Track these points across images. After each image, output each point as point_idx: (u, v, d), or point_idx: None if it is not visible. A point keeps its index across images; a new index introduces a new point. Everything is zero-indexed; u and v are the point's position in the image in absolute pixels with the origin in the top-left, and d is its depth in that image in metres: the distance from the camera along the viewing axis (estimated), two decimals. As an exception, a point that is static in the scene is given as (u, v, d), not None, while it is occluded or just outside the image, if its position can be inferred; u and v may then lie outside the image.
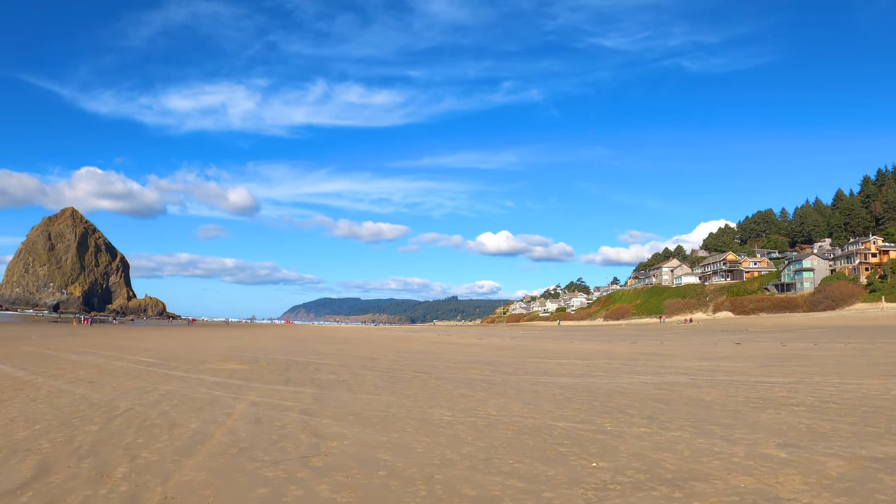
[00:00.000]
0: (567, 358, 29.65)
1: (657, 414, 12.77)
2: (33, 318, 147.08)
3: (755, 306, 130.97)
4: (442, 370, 23.08)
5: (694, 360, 26.83)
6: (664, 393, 16.01)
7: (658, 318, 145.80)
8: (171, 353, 30.93)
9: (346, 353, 33.15)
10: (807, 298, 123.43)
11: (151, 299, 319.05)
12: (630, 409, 13.49)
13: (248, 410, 13.43)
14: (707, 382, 18.33)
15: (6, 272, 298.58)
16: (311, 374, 20.91)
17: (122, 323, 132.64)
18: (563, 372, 22.32)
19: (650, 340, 49.23)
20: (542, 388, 17.38)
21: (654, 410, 13.22)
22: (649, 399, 14.93)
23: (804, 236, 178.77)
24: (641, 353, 33.08)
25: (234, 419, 12.35)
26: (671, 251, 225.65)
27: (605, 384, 18.13)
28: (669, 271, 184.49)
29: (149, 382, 18.33)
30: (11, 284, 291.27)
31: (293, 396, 15.53)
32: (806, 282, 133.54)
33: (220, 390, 16.64)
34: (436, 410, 13.43)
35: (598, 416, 12.61)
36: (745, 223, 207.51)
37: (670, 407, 13.68)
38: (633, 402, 14.39)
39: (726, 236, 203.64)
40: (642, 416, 12.58)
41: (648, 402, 14.37)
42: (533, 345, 44.86)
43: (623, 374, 21.10)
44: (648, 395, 15.72)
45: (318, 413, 13.11)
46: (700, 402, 14.43)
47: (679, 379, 19.40)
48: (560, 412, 13.07)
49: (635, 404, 14.11)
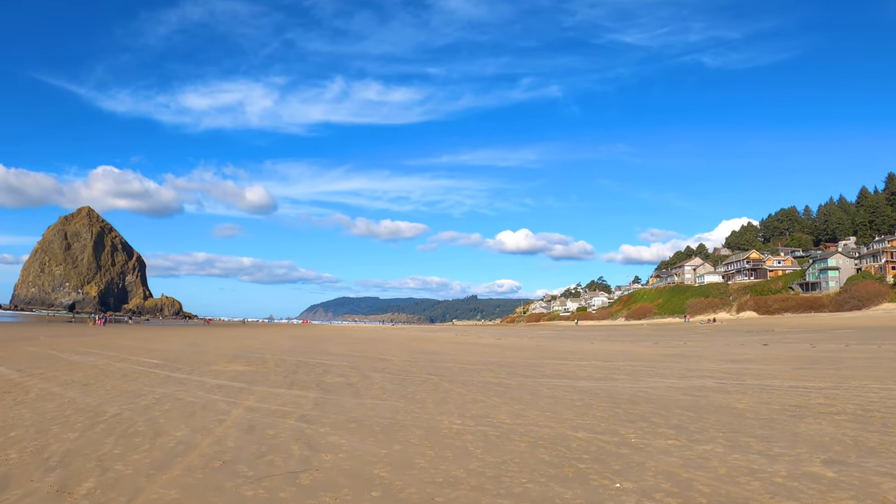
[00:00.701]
0: (587, 359, 28.62)
1: (685, 423, 11.76)
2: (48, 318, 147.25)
3: (779, 306, 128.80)
4: (455, 373, 22.15)
5: (721, 363, 25.71)
6: (691, 399, 14.97)
7: (682, 317, 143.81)
8: (178, 353, 30.21)
9: (358, 353, 32.29)
10: (832, 298, 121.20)
11: (168, 299, 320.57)
12: (655, 417, 12.48)
13: (242, 416, 12.60)
14: (737, 387, 17.26)
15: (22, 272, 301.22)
16: (319, 377, 20.06)
17: (138, 323, 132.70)
18: (583, 375, 21.32)
19: (673, 341, 48.00)
20: (561, 392, 16.39)
21: (682, 419, 12.21)
22: (676, 406, 13.91)
23: (828, 234, 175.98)
24: (665, 354, 31.96)
25: (226, 427, 11.52)
26: (693, 249, 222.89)
27: (627, 389, 17.11)
28: (692, 270, 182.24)
29: (146, 385, 17.56)
30: (27, 284, 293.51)
31: (294, 401, 14.68)
32: (831, 281, 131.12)
33: (218, 394, 15.83)
34: (445, 418, 12.50)
35: (620, 425, 11.62)
36: (768, 221, 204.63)
37: (699, 415, 12.65)
38: (658, 410, 13.37)
39: (749, 234, 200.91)
40: (669, 425, 11.58)
41: (675, 410, 13.35)
42: (552, 345, 43.81)
43: (646, 378, 20.06)
44: (675, 401, 14.70)
45: (318, 420, 12.24)
46: (731, 409, 13.39)
47: (706, 383, 18.33)
48: (579, 420, 12.09)
49: (661, 412, 13.10)
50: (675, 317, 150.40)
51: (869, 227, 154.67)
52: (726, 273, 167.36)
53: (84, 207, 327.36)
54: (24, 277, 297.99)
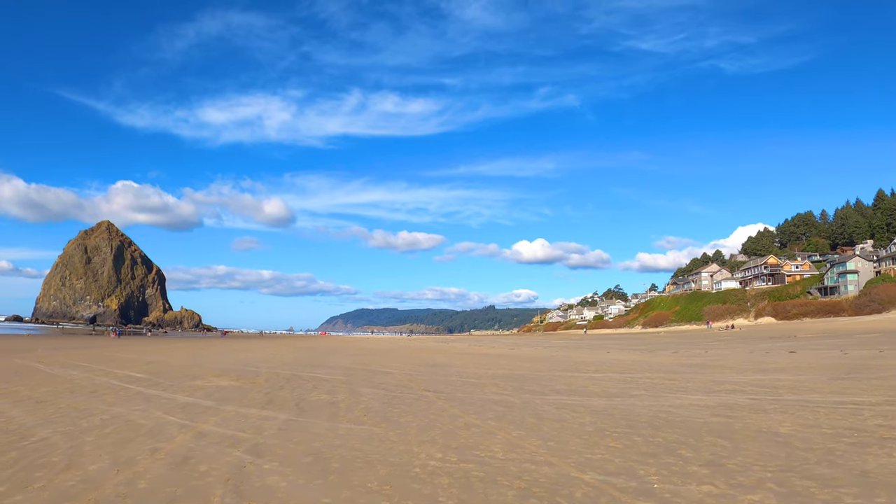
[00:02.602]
0: (602, 371, 26.05)
1: (721, 457, 9.27)
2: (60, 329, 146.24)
3: (798, 311, 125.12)
4: (456, 388, 19.70)
5: (748, 373, 23.08)
6: (724, 421, 12.42)
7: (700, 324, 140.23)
8: (170, 366, 27.99)
9: (360, 366, 29.89)
10: (852, 302, 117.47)
11: (187, 311, 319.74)
12: (683, 447, 9.99)
13: (184, 445, 10.46)
14: (773, 404, 14.70)
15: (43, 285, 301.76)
16: (303, 394, 17.73)
17: (155, 335, 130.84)
18: (597, 390, 18.78)
19: (693, 349, 45.22)
20: (570, 413, 13.90)
21: (716, 450, 9.71)
22: (706, 431, 11.38)
23: (845, 238, 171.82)
24: (686, 364, 29.30)
25: (156, 458, 9.44)
26: (710, 256, 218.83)
27: (646, 408, 14.57)
28: (709, 276, 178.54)
29: (105, 404, 15.53)
30: (49, 298, 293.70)
31: (258, 425, 12.40)
32: (850, 284, 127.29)
33: (178, 415, 13.68)
34: (424, 449, 10.08)
35: (639, 460, 9.15)
36: (784, 226, 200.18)
37: (736, 445, 10.14)
38: (685, 437, 10.86)
39: (766, 240, 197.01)
40: (701, 460, 9.10)
41: (706, 437, 10.83)
42: (566, 356, 41.20)
43: (668, 393, 17.48)
44: (704, 424, 12.16)
45: (270, 451, 9.97)
46: (774, 435, 10.86)
47: (737, 399, 15.75)
48: (588, 454, 9.63)
49: (689, 440, 10.59)
50: (692, 324, 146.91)
51: (886, 230, 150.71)
52: (744, 279, 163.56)
53: (104, 222, 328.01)
54: (46, 291, 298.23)
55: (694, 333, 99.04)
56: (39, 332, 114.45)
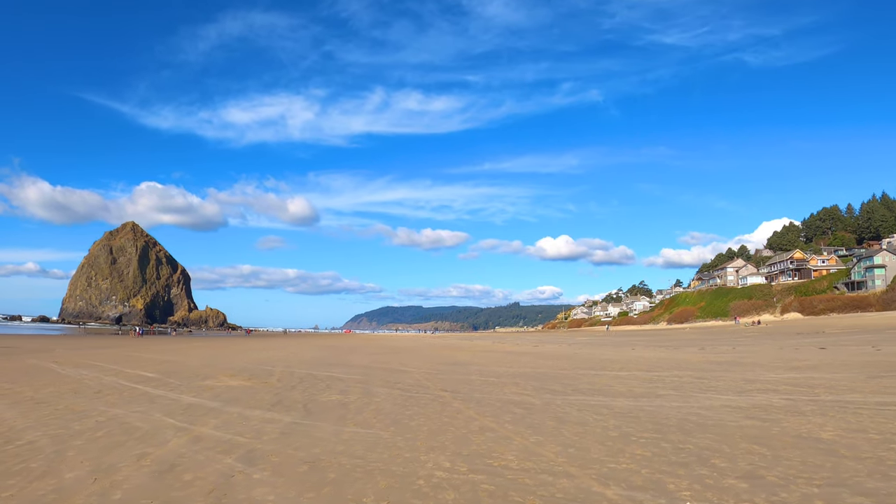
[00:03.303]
0: (627, 369, 24.98)
1: (759, 467, 8.29)
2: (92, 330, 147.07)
3: (825, 306, 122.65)
4: (475, 388, 18.77)
5: (780, 371, 21.92)
6: (759, 425, 11.37)
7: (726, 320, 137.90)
8: (185, 366, 27.34)
9: (378, 365, 29.06)
10: (879, 297, 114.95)
11: (212, 311, 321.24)
12: (716, 455, 9.00)
13: (175, 450, 9.73)
14: (811, 405, 13.63)
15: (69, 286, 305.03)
16: (314, 394, 16.92)
17: (179, 334, 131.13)
18: (622, 389, 17.76)
19: (720, 345, 43.87)
20: (593, 416, 12.92)
21: (754, 460, 8.72)
22: (741, 437, 10.36)
23: (871, 232, 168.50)
24: (714, 361, 28.12)
25: (141, 465, 8.75)
26: (735, 251, 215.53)
27: (675, 410, 13.55)
28: (734, 272, 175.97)
29: (106, 404, 14.87)
30: (75, 298, 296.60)
31: (258, 428, 11.62)
32: (878, 279, 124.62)
33: (178, 417, 12.97)
34: (432, 457, 9.19)
35: (668, 471, 8.19)
36: (809, 221, 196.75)
37: (775, 452, 9.14)
38: (718, 444, 9.86)
39: (791, 234, 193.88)
40: (737, 470, 8.12)
41: (741, 443, 9.82)
42: (591, 353, 40.10)
43: (697, 393, 16.43)
44: (738, 428, 11.13)
45: (264, 458, 9.18)
46: (816, 442, 9.83)
47: (772, 400, 14.67)
48: (612, 463, 8.67)
49: (722, 447, 9.59)
50: (718, 320, 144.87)
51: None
52: (769, 274, 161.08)
53: (128, 223, 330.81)
54: (72, 292, 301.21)
55: (720, 329, 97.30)
56: (63, 332, 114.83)
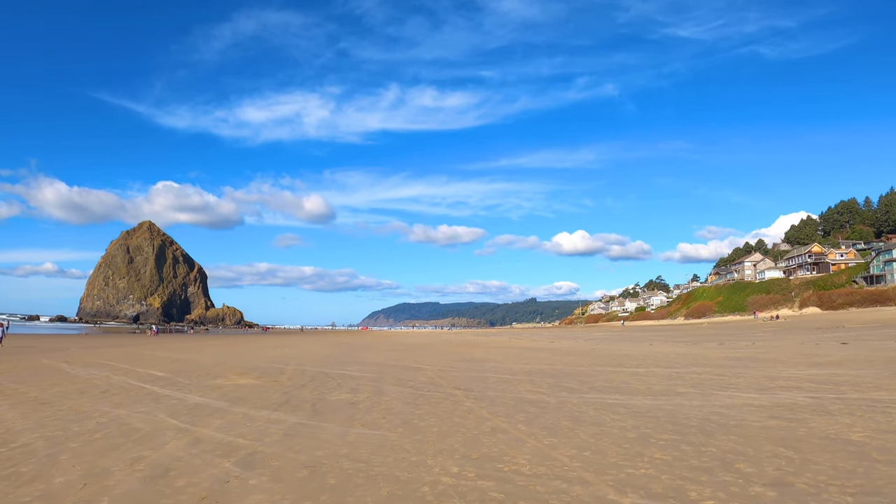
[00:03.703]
0: (645, 365, 24.40)
1: (787, 473, 7.75)
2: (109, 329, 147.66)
3: (844, 300, 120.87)
4: (489, 385, 18.27)
5: (802, 367, 21.27)
6: (785, 426, 10.81)
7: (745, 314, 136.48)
8: (196, 364, 27.06)
9: (393, 362, 28.62)
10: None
11: (229, 308, 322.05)
12: (741, 459, 8.46)
13: (172, 453, 9.36)
14: (837, 404, 13.03)
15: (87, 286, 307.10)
16: (323, 393, 16.52)
17: (196, 332, 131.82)
18: (640, 387, 17.20)
19: (739, 341, 43.16)
20: (610, 415, 12.39)
21: (781, 464, 8.17)
22: (766, 438, 9.81)
23: (890, 225, 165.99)
24: (734, 357, 27.47)
25: (135, 469, 8.39)
26: (752, 245, 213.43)
27: (695, 409, 12.99)
28: (752, 266, 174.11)
29: (110, 405, 14.56)
30: (92, 297, 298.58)
31: (262, 430, 11.22)
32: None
33: (182, 417, 12.62)
34: (439, 461, 8.71)
35: (689, 476, 7.66)
36: (827, 214, 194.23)
37: (803, 456, 8.59)
38: (742, 446, 9.31)
39: (809, 228, 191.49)
40: (763, 476, 7.59)
41: (766, 446, 9.27)
42: (608, 349, 39.50)
43: (717, 391, 15.84)
44: (762, 429, 10.57)
45: (262, 463, 8.76)
46: (846, 444, 9.26)
47: (796, 398, 14.08)
48: (630, 468, 8.15)
49: (747, 450, 9.05)
50: (736, 314, 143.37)
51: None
52: (787, 268, 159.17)
53: (145, 222, 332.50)
54: (90, 291, 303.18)
55: (738, 324, 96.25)
56: (80, 331, 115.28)
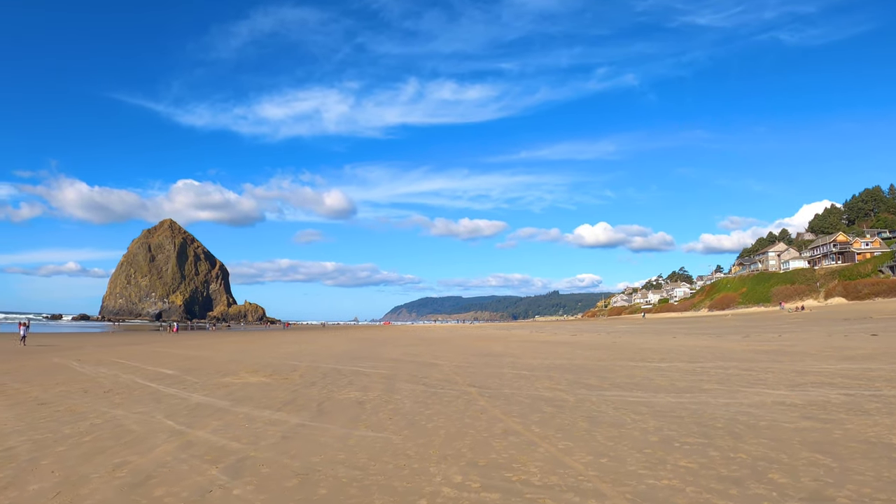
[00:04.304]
0: (669, 360, 23.49)
1: (826, 484, 6.90)
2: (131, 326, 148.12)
3: (870, 290, 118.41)
4: (505, 382, 17.49)
5: (832, 361, 20.27)
6: (819, 427, 9.92)
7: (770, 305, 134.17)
8: (209, 362, 26.61)
9: (409, 358, 27.92)
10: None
11: (251, 305, 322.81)
12: (774, 468, 7.61)
13: (159, 458, 8.76)
14: (874, 402, 12.10)
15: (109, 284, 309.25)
16: (332, 392, 15.87)
17: (218, 329, 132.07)
18: (663, 383, 16.34)
19: (765, 333, 42.00)
20: (630, 415, 11.57)
21: (818, 473, 7.33)
22: (800, 442, 8.95)
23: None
24: (760, 350, 26.46)
25: (115, 476, 7.82)
26: (776, 235, 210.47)
27: (722, 408, 12.11)
28: (776, 256, 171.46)
29: (110, 405, 14.05)
30: (115, 296, 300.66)
31: (260, 431, 10.62)
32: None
33: (179, 418, 12.08)
34: (443, 469, 7.96)
35: (718, 489, 6.83)
36: (851, 202, 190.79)
37: (843, 464, 7.73)
38: (774, 451, 8.46)
39: (833, 217, 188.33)
40: (801, 489, 6.75)
41: (801, 451, 8.42)
42: (630, 342, 38.55)
43: (745, 387, 14.93)
44: (795, 431, 9.69)
45: (252, 469, 8.11)
46: (889, 449, 8.36)
47: (829, 395, 13.16)
48: (651, 477, 7.35)
49: (780, 456, 8.20)
50: (760, 305, 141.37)
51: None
52: (812, 258, 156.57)
53: (166, 220, 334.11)
54: (112, 289, 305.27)
55: (763, 316, 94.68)
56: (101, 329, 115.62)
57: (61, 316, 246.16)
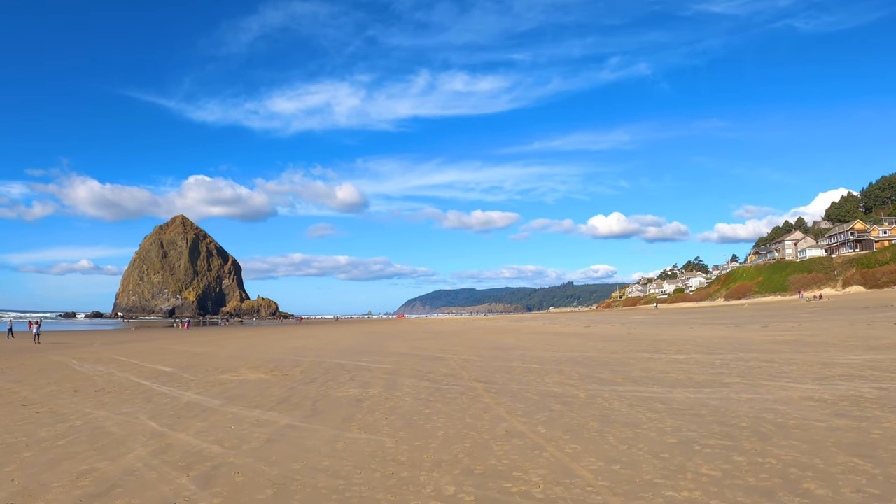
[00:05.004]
0: (686, 351, 22.49)
1: (872, 497, 5.95)
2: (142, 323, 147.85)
3: (889, 279, 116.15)
4: (513, 377, 16.59)
5: (858, 352, 19.19)
6: (854, 427, 8.95)
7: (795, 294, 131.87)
8: (212, 358, 25.89)
9: (417, 352, 27.06)
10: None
11: (264, 300, 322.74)
12: (808, 478, 6.66)
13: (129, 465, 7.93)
14: (911, 396, 11.15)
15: (122, 281, 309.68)
16: (331, 389, 15.07)
17: (230, 325, 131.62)
18: (680, 377, 15.37)
19: (784, 322, 40.83)
20: (646, 414, 10.64)
21: (860, 483, 6.38)
22: (834, 444, 7.99)
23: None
24: (781, 340, 25.39)
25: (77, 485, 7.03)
26: (792, 224, 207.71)
27: (745, 404, 11.14)
28: (793, 244, 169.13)
29: (96, 405, 13.36)
30: (128, 293, 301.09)
31: (244, 434, 9.86)
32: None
33: (164, 419, 11.35)
34: (434, 478, 7.08)
35: (746, 503, 5.95)
36: (868, 190, 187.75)
37: (886, 471, 6.76)
38: (807, 457, 7.49)
39: (849, 205, 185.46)
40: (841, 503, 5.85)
41: (837, 456, 7.46)
42: (645, 333, 37.52)
43: (768, 381, 13.94)
44: (829, 431, 8.71)
45: (224, 479, 7.30)
46: (938, 452, 7.47)
47: (860, 389, 12.14)
48: (669, 488, 6.43)
49: (815, 462, 7.25)
50: (777, 294, 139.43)
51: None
52: (829, 246, 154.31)
53: (178, 216, 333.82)
54: (125, 286, 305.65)
55: (780, 305, 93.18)
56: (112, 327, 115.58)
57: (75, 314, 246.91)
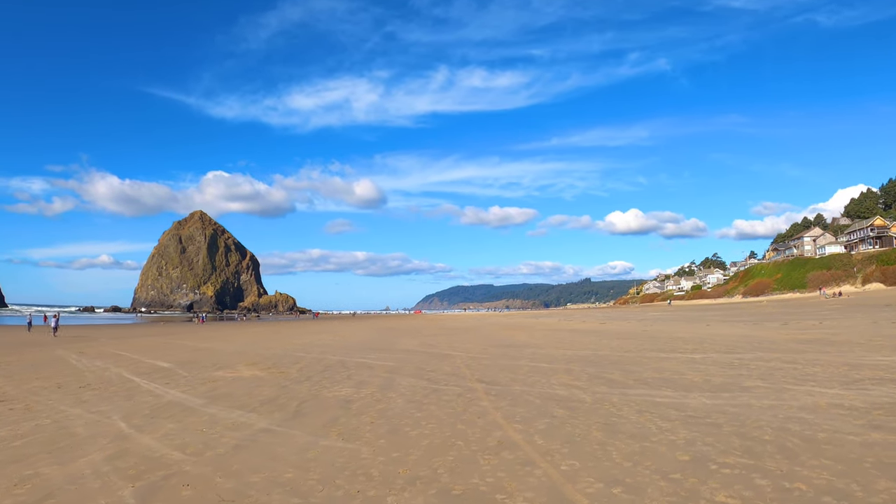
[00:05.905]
0: (703, 350, 21.27)
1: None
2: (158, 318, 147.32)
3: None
4: (517, 377, 15.50)
5: (885, 352, 17.84)
6: (894, 441, 7.84)
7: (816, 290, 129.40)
8: (213, 354, 25.15)
9: (424, 348, 26.01)
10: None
11: (281, 295, 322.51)
12: (846, 507, 5.60)
13: (74, 472, 7.19)
14: (952, 404, 9.96)
15: (141, 276, 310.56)
16: (323, 388, 14.15)
17: (247, 320, 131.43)
18: (696, 379, 14.21)
19: (804, 320, 39.37)
20: (656, 422, 9.52)
21: (912, 517, 5.31)
22: (873, 465, 6.82)
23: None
24: (802, 339, 24.08)
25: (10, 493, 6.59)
26: (810, 220, 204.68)
27: (767, 411, 9.97)
28: (812, 241, 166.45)
29: (73, 403, 12.72)
30: (146, 288, 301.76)
31: (213, 439, 9.01)
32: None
33: (137, 419, 10.66)
34: (402, 499, 6.06)
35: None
36: (888, 186, 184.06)
37: (942, 500, 5.69)
38: (843, 480, 6.34)
39: (869, 201, 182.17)
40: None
41: (878, 481, 6.31)
42: (661, 330, 36.26)
43: (792, 384, 12.74)
44: (864, 447, 7.53)
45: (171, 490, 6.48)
46: None
47: (893, 394, 11.00)
48: (679, 523, 5.38)
49: (852, 487, 6.10)
50: (795, 291, 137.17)
51: None
52: (849, 243, 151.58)
53: (196, 212, 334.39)
54: (143, 281, 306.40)
55: (800, 302, 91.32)
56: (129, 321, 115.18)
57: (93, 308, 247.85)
